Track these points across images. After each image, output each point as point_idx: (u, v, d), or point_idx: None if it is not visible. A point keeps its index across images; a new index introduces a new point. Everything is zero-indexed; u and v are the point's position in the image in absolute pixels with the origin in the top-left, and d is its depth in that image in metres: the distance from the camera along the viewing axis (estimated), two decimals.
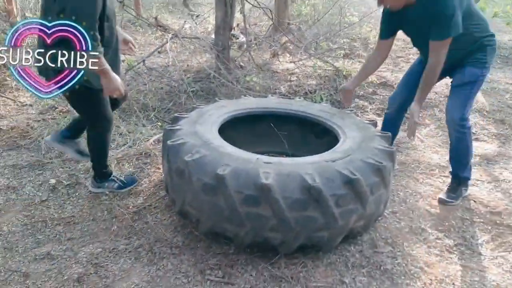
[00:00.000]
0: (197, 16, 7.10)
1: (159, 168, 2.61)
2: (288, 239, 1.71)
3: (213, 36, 4.75)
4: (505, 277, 1.79)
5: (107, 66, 1.84)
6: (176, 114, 2.27)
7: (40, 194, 2.34)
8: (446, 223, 2.16)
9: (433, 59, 2.04)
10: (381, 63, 2.35)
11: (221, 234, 1.85)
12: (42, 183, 2.44)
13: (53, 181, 2.44)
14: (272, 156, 2.21)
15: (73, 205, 2.24)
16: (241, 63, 4.68)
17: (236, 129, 2.42)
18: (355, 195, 1.68)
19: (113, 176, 2.35)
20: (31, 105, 3.57)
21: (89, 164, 2.60)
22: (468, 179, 2.37)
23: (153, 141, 2.94)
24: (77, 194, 2.35)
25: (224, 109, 2.34)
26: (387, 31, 2.19)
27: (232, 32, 4.78)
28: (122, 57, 2.81)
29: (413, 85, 2.22)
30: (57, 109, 3.40)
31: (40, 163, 2.65)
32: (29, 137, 2.97)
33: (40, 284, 1.68)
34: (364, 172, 1.72)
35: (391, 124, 2.51)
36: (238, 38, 5.35)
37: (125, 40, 2.32)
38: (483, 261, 1.89)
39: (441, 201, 2.33)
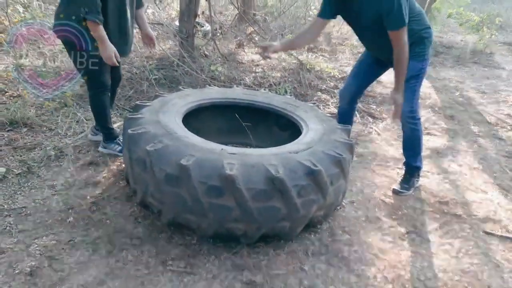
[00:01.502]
0: (160, 1, 6.86)
1: (119, 157, 2.53)
2: (251, 230, 1.74)
3: (177, 23, 4.63)
4: (451, 262, 1.94)
5: (103, 34, 2.08)
6: (137, 102, 2.20)
7: None
8: (399, 212, 2.29)
9: (397, 48, 2.07)
10: (311, 40, 2.34)
11: (183, 225, 1.83)
12: None
13: (2, 169, 2.28)
14: (237, 147, 2.21)
15: (25, 196, 2.12)
16: (206, 52, 4.60)
17: (200, 119, 2.40)
18: (316, 185, 1.73)
19: (118, 139, 2.55)
20: None
21: (43, 152, 2.49)
22: (420, 168, 2.52)
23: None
24: (29, 184, 2.22)
25: (189, 98, 2.30)
26: (327, 13, 2.18)
27: (197, 19, 4.68)
28: None
29: (362, 76, 2.26)
30: (7, 93, 3.17)
31: None
32: None
33: None
34: (325, 163, 1.77)
35: (346, 118, 2.58)
36: (203, 26, 5.25)
37: (148, 35, 2.58)
38: (432, 248, 2.03)
39: (395, 192, 2.46)
